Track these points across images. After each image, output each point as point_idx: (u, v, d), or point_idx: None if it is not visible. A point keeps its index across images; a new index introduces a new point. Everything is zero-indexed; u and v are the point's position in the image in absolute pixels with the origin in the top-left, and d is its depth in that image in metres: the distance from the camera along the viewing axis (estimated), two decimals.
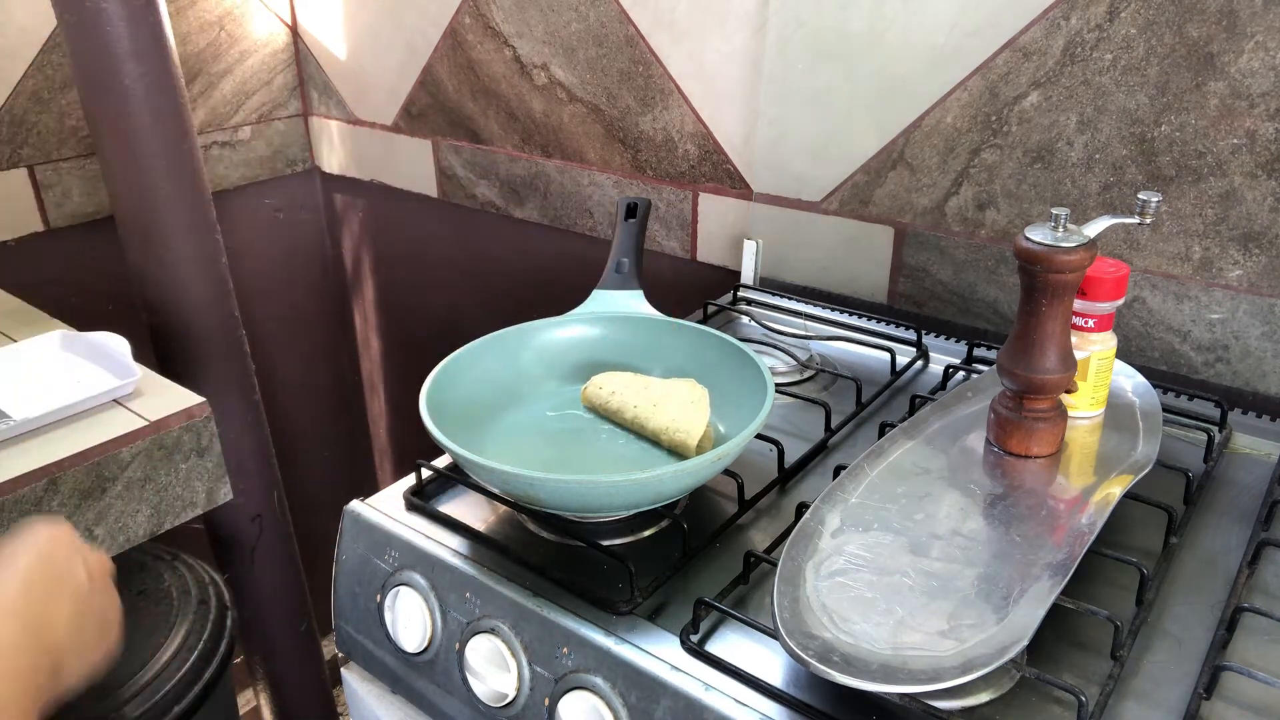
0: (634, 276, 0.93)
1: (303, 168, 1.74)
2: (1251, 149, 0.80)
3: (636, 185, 1.28)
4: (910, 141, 1.00)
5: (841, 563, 0.60)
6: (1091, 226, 0.67)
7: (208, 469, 0.97)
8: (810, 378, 0.94)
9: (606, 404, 0.78)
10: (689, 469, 0.65)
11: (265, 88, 1.63)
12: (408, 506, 0.75)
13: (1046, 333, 0.67)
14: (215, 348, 1.30)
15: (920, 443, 0.74)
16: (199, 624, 1.02)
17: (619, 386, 0.79)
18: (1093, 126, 0.88)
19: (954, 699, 0.54)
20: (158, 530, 0.95)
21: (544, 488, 0.64)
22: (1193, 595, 0.63)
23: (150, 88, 1.15)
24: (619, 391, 0.78)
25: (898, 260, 1.05)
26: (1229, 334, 0.86)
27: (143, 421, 0.89)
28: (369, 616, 0.73)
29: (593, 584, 0.65)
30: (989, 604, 0.56)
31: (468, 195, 1.51)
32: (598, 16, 1.22)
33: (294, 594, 1.52)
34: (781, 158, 1.10)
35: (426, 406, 0.70)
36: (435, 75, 1.46)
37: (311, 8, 1.60)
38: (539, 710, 0.62)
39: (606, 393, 0.79)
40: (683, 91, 1.19)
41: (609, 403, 0.78)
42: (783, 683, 0.56)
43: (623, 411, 0.77)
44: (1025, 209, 0.94)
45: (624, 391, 0.78)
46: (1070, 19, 0.86)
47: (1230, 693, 0.55)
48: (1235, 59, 0.79)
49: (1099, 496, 0.66)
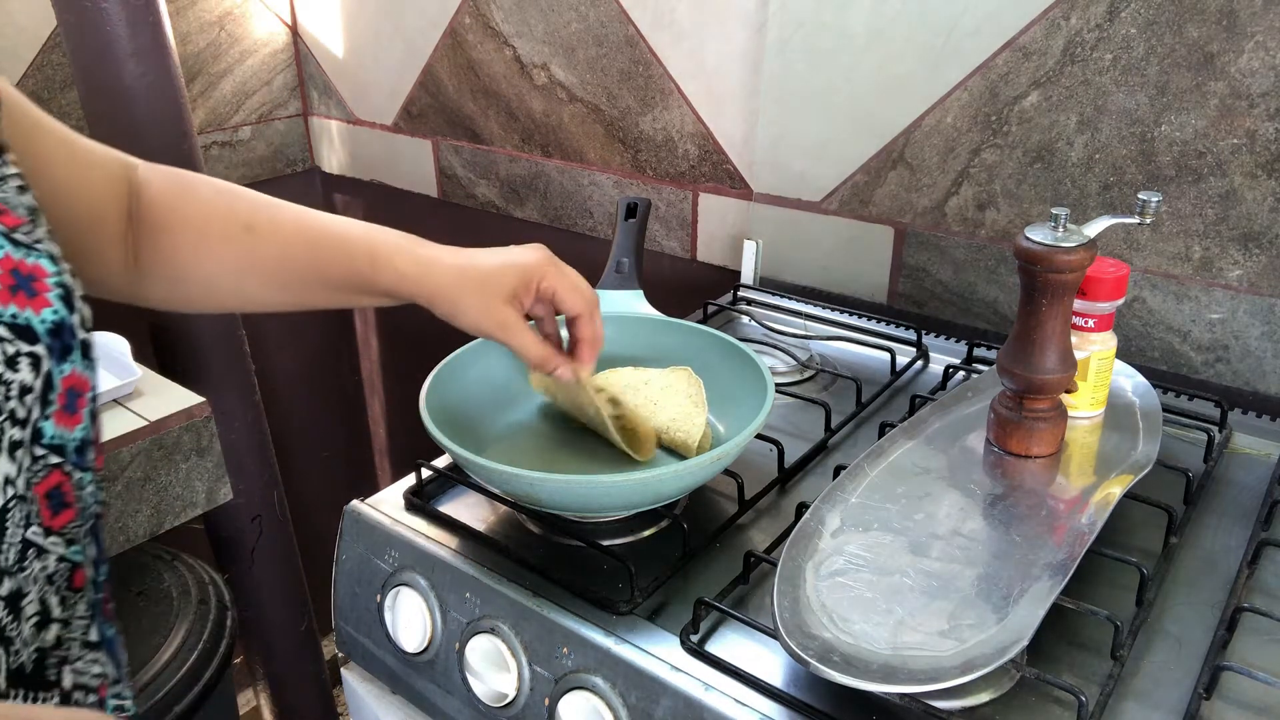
0: (634, 276, 0.93)
1: (302, 168, 1.74)
2: (1251, 149, 0.80)
3: (636, 185, 1.28)
4: (910, 141, 1.00)
5: (841, 563, 0.60)
6: (1091, 226, 0.66)
7: (208, 469, 0.97)
8: (810, 378, 0.94)
9: None
10: (689, 469, 0.65)
11: (265, 88, 1.63)
12: (408, 506, 0.75)
13: (1046, 333, 0.67)
14: (215, 348, 1.30)
15: (920, 443, 0.74)
16: (199, 624, 1.02)
17: (620, 386, 0.79)
18: (1093, 126, 0.88)
19: (954, 699, 0.54)
20: (158, 530, 0.95)
21: (544, 488, 0.64)
22: (1193, 595, 0.63)
23: (150, 88, 1.15)
24: (620, 391, 0.78)
25: (898, 260, 1.05)
26: (1229, 334, 0.86)
27: (143, 421, 0.89)
28: (369, 616, 0.73)
29: (593, 584, 0.65)
30: (989, 604, 0.56)
31: (468, 195, 1.51)
32: (598, 16, 1.22)
33: (294, 594, 1.52)
34: (781, 158, 1.10)
35: (426, 406, 0.70)
36: (435, 75, 1.46)
37: (311, 8, 1.60)
38: (539, 710, 0.62)
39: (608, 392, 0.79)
40: (683, 91, 1.19)
41: None
42: (783, 683, 0.56)
43: None
44: (1025, 209, 0.94)
45: (624, 391, 0.78)
46: (1070, 19, 0.86)
47: (1230, 693, 0.55)
48: (1235, 59, 0.79)
49: (1099, 496, 0.66)
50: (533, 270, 0.65)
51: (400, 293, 0.66)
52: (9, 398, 0.43)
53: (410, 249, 0.66)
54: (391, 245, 0.66)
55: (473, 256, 0.66)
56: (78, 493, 0.48)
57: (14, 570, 0.44)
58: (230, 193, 0.67)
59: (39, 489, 0.45)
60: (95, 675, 0.50)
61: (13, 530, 0.44)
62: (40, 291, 0.45)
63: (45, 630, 0.47)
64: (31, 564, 0.45)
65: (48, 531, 0.46)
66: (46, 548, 0.46)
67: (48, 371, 0.45)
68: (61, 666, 0.48)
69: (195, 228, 0.66)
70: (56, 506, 0.47)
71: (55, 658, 0.47)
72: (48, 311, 0.45)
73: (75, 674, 0.49)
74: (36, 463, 0.45)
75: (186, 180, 0.68)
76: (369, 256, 0.65)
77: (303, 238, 0.66)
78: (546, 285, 0.66)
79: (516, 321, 0.66)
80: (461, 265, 0.65)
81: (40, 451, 0.45)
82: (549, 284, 0.66)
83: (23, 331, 0.44)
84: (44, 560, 0.46)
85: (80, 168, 0.63)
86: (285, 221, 0.67)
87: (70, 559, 0.48)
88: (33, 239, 0.46)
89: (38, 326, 0.44)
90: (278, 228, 0.66)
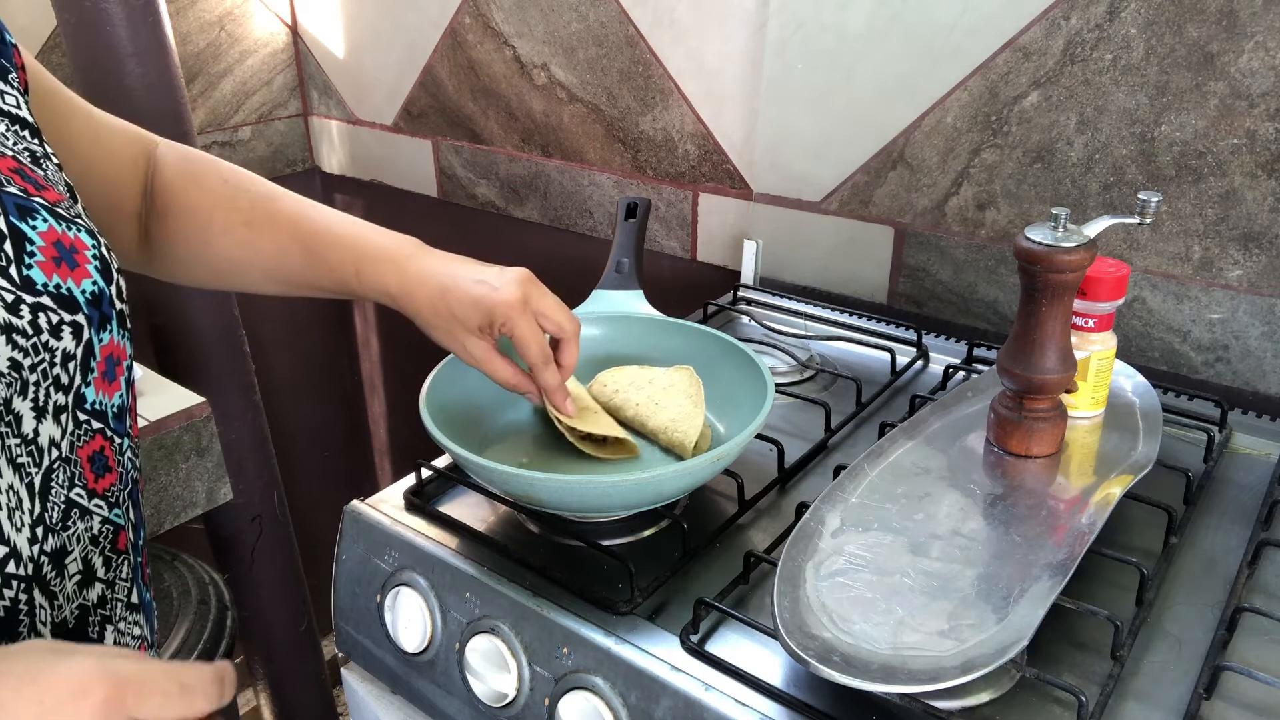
0: (634, 276, 0.93)
1: (303, 168, 1.74)
2: (1251, 149, 0.80)
3: (636, 185, 1.28)
4: (910, 141, 1.00)
5: (841, 563, 0.60)
6: (1091, 226, 0.66)
7: (208, 469, 0.97)
8: (810, 378, 0.94)
9: (611, 400, 0.78)
10: (689, 469, 0.65)
11: (265, 88, 1.63)
12: (408, 506, 0.75)
13: (1046, 333, 0.67)
14: (215, 348, 1.30)
15: (920, 443, 0.74)
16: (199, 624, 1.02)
17: (623, 384, 0.79)
18: (1093, 126, 0.88)
19: (954, 699, 0.54)
20: (158, 530, 0.95)
21: (544, 488, 0.64)
22: (1193, 595, 0.63)
23: (150, 88, 1.15)
24: (622, 390, 0.78)
25: (898, 260, 1.05)
26: (1229, 334, 0.86)
27: (143, 421, 0.89)
28: (369, 616, 0.73)
29: (593, 584, 0.65)
30: (989, 604, 0.56)
31: (468, 195, 1.51)
32: (598, 16, 1.22)
33: (294, 594, 1.52)
34: (781, 158, 1.10)
35: (426, 406, 0.70)
36: (435, 75, 1.46)
37: (311, 8, 1.60)
38: (539, 710, 0.62)
39: (610, 390, 0.79)
40: (683, 91, 1.19)
41: (612, 400, 0.78)
42: (783, 683, 0.56)
43: (624, 409, 0.77)
44: (1025, 209, 0.94)
45: (627, 390, 0.78)
46: (1070, 19, 0.86)
47: (1230, 693, 0.55)
48: (1235, 59, 0.79)
49: (1099, 496, 0.66)
50: (498, 312, 0.65)
51: (387, 303, 0.67)
52: (54, 364, 0.45)
53: (398, 263, 0.66)
54: (380, 257, 0.66)
55: (455, 277, 0.66)
56: (118, 457, 0.50)
57: (58, 528, 0.46)
58: (236, 184, 0.69)
59: (82, 452, 0.47)
60: (135, 637, 0.52)
61: (57, 490, 0.46)
62: (81, 263, 0.47)
63: (89, 589, 0.48)
64: (75, 524, 0.47)
65: (91, 494, 0.48)
66: (90, 509, 0.48)
67: (88, 339, 0.47)
68: (105, 625, 0.50)
69: (199, 217, 0.67)
70: (100, 470, 0.49)
71: (99, 615, 0.49)
72: (87, 282, 0.47)
73: (118, 634, 0.51)
74: (79, 427, 0.47)
75: (197, 166, 0.69)
76: (355, 267, 0.66)
77: (297, 240, 0.67)
78: (507, 329, 0.66)
79: (485, 351, 0.67)
80: (439, 290, 0.65)
81: (83, 417, 0.47)
82: (508, 328, 0.66)
83: (65, 301, 0.45)
84: (88, 521, 0.48)
85: (104, 146, 0.65)
86: (282, 220, 0.67)
87: (114, 521, 0.50)
88: (73, 214, 0.48)
89: (79, 296, 0.46)
90: (275, 226, 0.67)
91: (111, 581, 0.50)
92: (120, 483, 0.50)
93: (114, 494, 0.50)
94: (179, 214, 0.67)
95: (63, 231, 0.46)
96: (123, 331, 0.50)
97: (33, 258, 0.44)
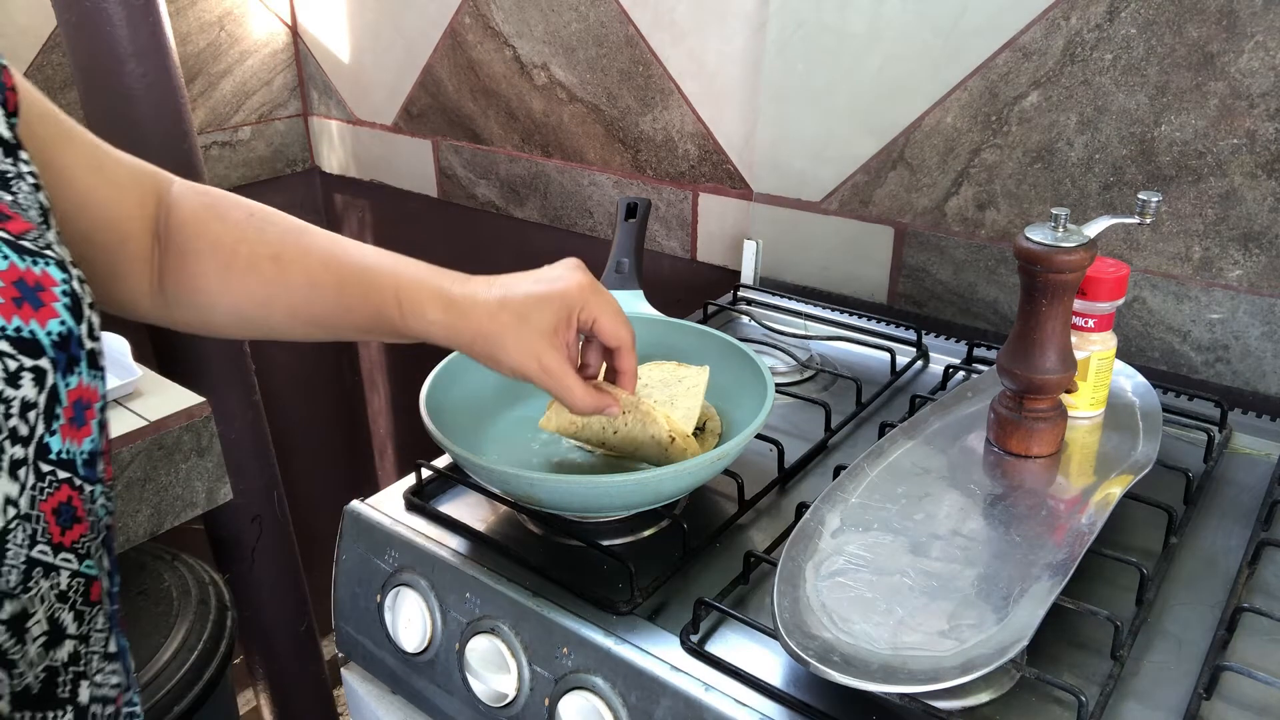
0: (634, 276, 0.93)
1: (303, 168, 1.74)
2: (1251, 149, 0.80)
3: (636, 185, 1.28)
4: (910, 141, 1.00)
5: (841, 563, 0.60)
6: (1091, 226, 0.67)
7: (208, 469, 0.97)
8: (810, 378, 0.94)
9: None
10: (689, 469, 0.65)
11: (265, 88, 1.63)
12: (408, 506, 0.75)
13: (1046, 333, 0.67)
14: (215, 348, 1.30)
15: (920, 443, 0.74)
16: (199, 624, 1.02)
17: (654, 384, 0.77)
18: (1093, 126, 0.88)
19: (954, 699, 0.54)
20: (158, 530, 0.95)
21: (544, 488, 0.64)
22: (1193, 595, 0.63)
23: (150, 88, 1.15)
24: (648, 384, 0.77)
25: (898, 260, 1.05)
26: (1229, 334, 0.86)
27: (143, 421, 0.89)
28: (369, 616, 0.73)
29: (593, 584, 0.65)
30: (989, 604, 0.56)
31: (468, 195, 1.51)
32: (598, 16, 1.22)
33: (294, 594, 1.52)
34: (781, 158, 1.10)
35: (426, 406, 0.70)
36: (435, 75, 1.46)
37: (311, 8, 1.60)
38: (539, 710, 0.62)
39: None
40: (683, 91, 1.19)
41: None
42: (783, 683, 0.56)
43: None
44: (1025, 209, 0.94)
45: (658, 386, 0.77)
46: (1070, 19, 0.86)
47: (1230, 693, 0.55)
48: (1235, 59, 0.79)
49: (1099, 496, 0.66)
50: (573, 299, 0.60)
51: (433, 340, 0.62)
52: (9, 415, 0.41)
53: (441, 291, 0.61)
54: (422, 289, 0.61)
55: (507, 286, 0.61)
56: (88, 506, 0.46)
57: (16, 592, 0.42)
58: (263, 216, 0.64)
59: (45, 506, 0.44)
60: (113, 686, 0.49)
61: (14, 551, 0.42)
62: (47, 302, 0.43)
63: (57, 648, 0.45)
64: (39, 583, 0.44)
65: (57, 548, 0.44)
66: (57, 565, 0.44)
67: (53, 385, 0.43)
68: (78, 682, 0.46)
69: (221, 253, 0.62)
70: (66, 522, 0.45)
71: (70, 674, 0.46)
72: (54, 323, 0.43)
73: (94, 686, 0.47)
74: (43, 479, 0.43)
75: (218, 200, 0.64)
76: (396, 301, 0.61)
77: (331, 274, 0.62)
78: (586, 316, 0.61)
79: (560, 365, 0.60)
80: (497, 300, 0.60)
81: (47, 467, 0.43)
82: (589, 314, 0.61)
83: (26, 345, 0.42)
84: (53, 578, 0.44)
85: (106, 176, 0.60)
86: (314, 252, 0.63)
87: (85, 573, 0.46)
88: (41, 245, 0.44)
89: (43, 339, 0.42)
90: (306, 259, 0.62)
91: (85, 635, 0.46)
92: (91, 532, 0.47)
93: (84, 545, 0.46)
94: (199, 252, 0.62)
95: (26, 268, 0.42)
96: (94, 372, 0.46)
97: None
